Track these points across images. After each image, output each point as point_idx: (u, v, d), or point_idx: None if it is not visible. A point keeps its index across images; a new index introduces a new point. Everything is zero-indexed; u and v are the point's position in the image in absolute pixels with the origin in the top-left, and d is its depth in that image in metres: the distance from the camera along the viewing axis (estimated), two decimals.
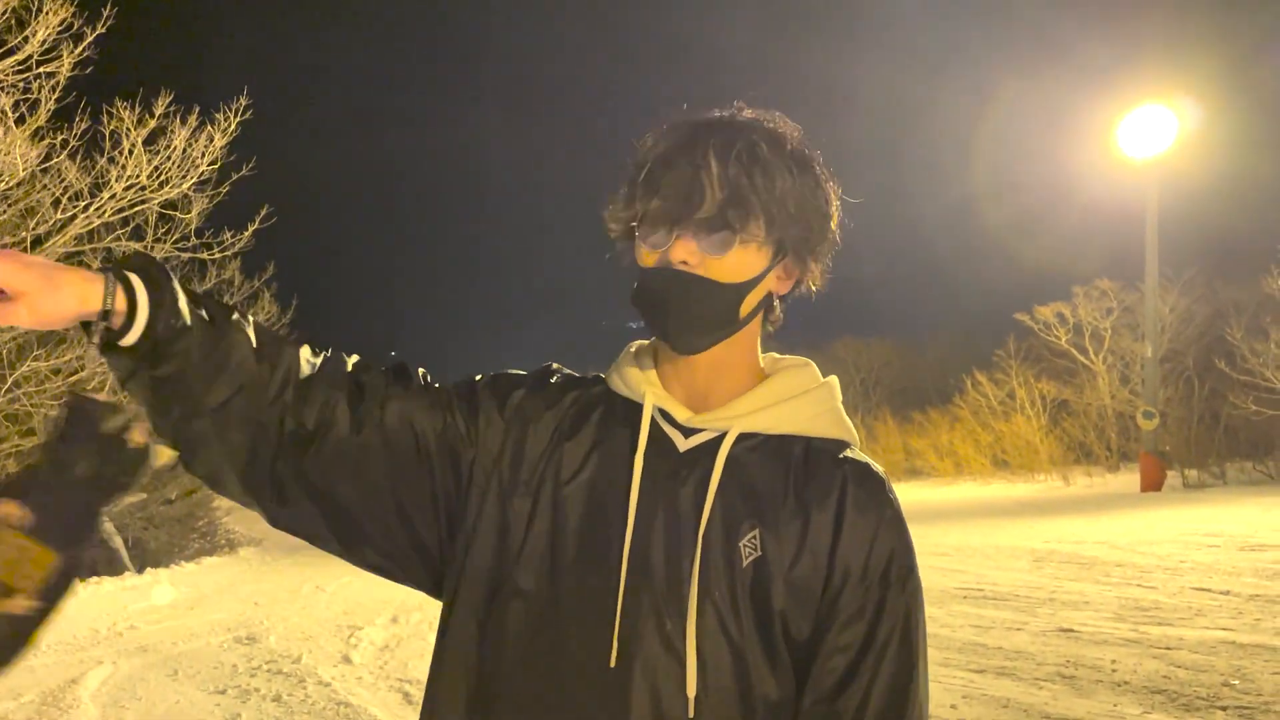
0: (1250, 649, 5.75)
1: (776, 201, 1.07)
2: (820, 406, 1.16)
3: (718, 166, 1.05)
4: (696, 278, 1.06)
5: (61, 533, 0.90)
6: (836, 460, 1.12)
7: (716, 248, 1.06)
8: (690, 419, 1.12)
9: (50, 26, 8.90)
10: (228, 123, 10.30)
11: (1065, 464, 25.44)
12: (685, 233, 1.06)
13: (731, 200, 1.05)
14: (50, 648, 7.64)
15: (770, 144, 1.09)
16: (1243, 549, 9.57)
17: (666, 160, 1.07)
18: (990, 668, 5.67)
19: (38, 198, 9.58)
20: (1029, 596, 7.84)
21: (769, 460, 1.11)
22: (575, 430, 1.15)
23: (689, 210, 1.05)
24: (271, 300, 15.21)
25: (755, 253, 1.08)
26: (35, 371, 9.91)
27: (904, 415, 32.11)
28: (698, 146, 1.06)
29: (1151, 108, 21.90)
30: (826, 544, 1.07)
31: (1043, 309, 27.28)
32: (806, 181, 1.10)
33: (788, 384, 1.16)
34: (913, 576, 1.10)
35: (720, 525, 1.07)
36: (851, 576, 1.07)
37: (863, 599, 1.06)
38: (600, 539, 1.08)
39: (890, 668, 1.05)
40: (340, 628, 8.00)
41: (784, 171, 1.08)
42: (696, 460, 1.10)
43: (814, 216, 1.12)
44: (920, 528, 13.88)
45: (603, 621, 1.04)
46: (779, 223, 1.08)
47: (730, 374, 1.15)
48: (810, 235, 1.12)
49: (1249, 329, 20.84)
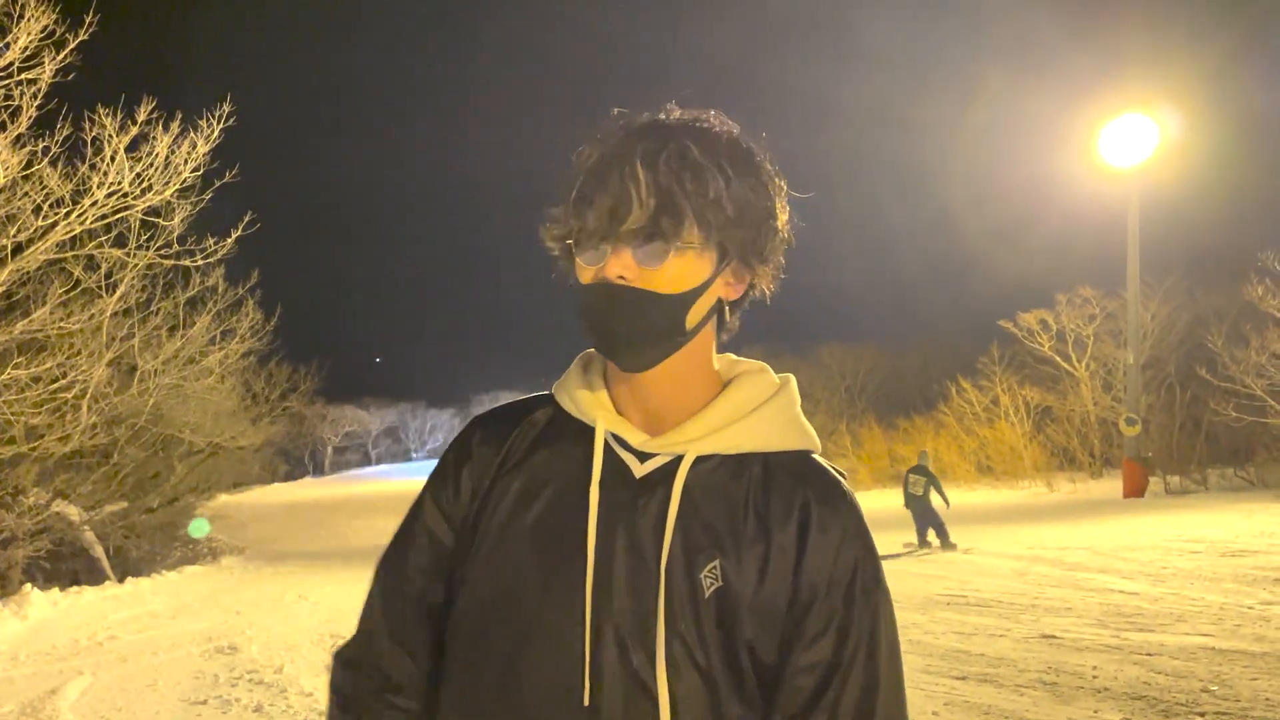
0: (1230, 655, 5.78)
1: (711, 205, 1.01)
2: (779, 418, 1.12)
3: (646, 174, 1.00)
4: (635, 290, 1.02)
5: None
6: (797, 476, 1.09)
7: (652, 258, 1.01)
8: (645, 443, 1.08)
9: (32, 33, 8.86)
10: (211, 129, 10.27)
11: (1049, 470, 25.58)
12: (619, 246, 1.01)
13: (662, 208, 1.00)
14: (30, 658, 7.57)
15: (701, 145, 1.03)
16: (1224, 555, 9.63)
17: (596, 173, 1.03)
18: (972, 674, 5.68)
19: (19, 205, 9.51)
20: (1012, 603, 7.87)
21: (728, 482, 1.07)
22: (524, 463, 1.13)
23: (619, 222, 1.00)
24: (255, 308, 15.15)
25: (696, 260, 1.03)
26: (15, 379, 9.83)
27: (889, 421, 32.21)
28: (626, 156, 1.01)
29: (1132, 117, 22.08)
30: (790, 565, 1.04)
31: (1026, 316, 27.46)
32: (745, 181, 1.04)
33: (744, 396, 1.11)
34: (878, 588, 1.07)
35: (681, 556, 1.04)
36: (817, 595, 1.04)
37: (828, 617, 1.04)
38: (562, 575, 1.06)
39: (856, 686, 1.02)
40: (323, 637, 7.95)
41: (717, 173, 1.02)
42: (654, 487, 1.07)
43: (757, 217, 1.06)
44: (904, 534, 13.94)
45: (571, 660, 1.02)
46: (717, 226, 1.02)
47: (685, 388, 1.10)
48: (756, 237, 1.06)
49: (1229, 336, 21.00)
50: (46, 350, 10.41)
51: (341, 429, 65.88)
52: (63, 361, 10.29)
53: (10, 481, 11.37)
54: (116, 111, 9.59)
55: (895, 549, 12.56)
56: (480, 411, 1.26)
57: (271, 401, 22.87)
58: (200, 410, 15.81)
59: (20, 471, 11.38)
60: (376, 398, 72.88)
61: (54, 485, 12.41)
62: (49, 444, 10.80)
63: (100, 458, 13.45)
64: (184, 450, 16.38)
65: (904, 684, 1.08)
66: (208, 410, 16.12)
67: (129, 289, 11.24)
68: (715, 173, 1.01)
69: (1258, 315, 20.09)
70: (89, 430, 11.27)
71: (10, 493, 11.39)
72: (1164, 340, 25.08)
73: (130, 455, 13.99)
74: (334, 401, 59.78)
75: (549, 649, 1.04)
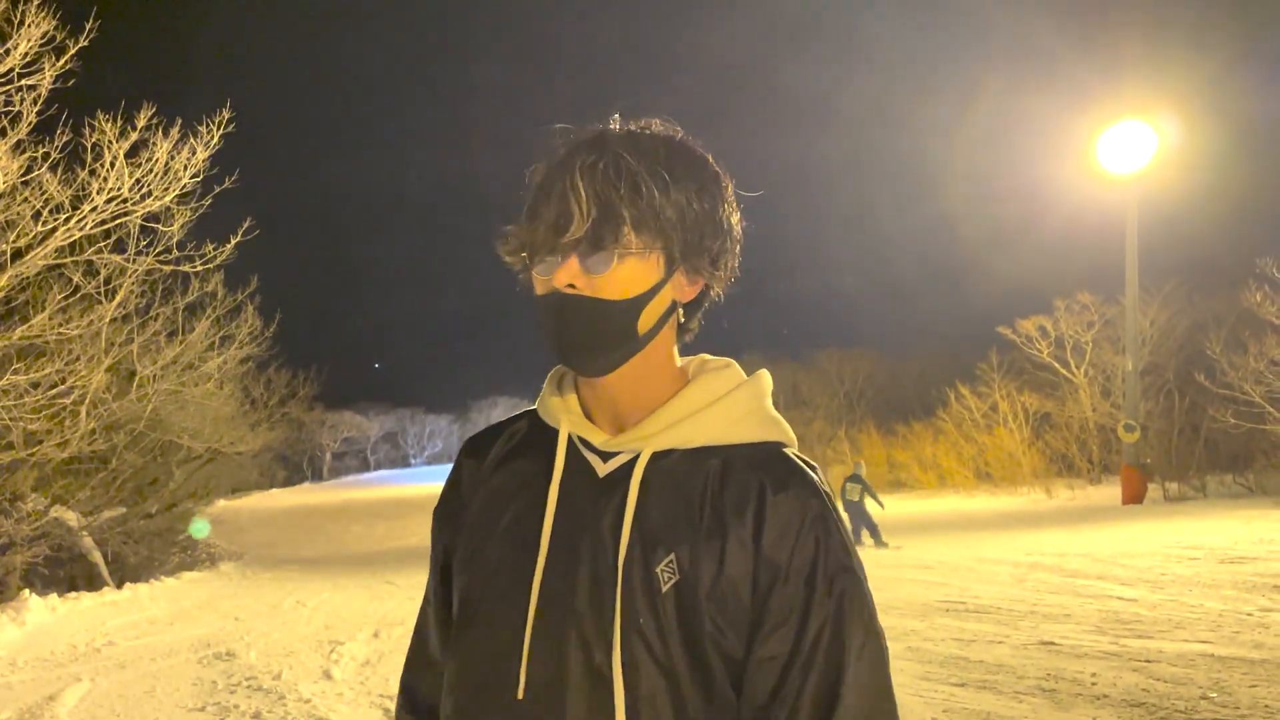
0: (1229, 662, 5.78)
1: (651, 210, 1.04)
2: (738, 411, 1.13)
3: (584, 185, 1.04)
4: (584, 298, 1.05)
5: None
6: (754, 465, 1.09)
7: (597, 265, 1.05)
8: (606, 442, 1.11)
9: (32, 39, 8.87)
10: (210, 135, 10.28)
11: (1047, 476, 25.59)
12: (565, 256, 1.05)
13: (602, 216, 1.03)
14: (28, 664, 7.56)
15: (637, 155, 1.06)
16: (1223, 562, 9.63)
17: (542, 188, 1.07)
18: (972, 681, 5.68)
19: (18, 210, 9.52)
20: (1011, 609, 7.86)
21: (685, 478, 1.09)
22: (499, 472, 1.19)
23: (562, 233, 1.04)
24: (254, 313, 15.16)
25: (641, 265, 1.06)
26: (14, 385, 9.82)
27: (888, 427, 32.21)
28: (567, 170, 1.06)
29: (1131, 123, 22.13)
30: (749, 556, 1.04)
31: (1024, 322, 27.48)
32: (686, 186, 1.07)
33: (704, 391, 1.13)
34: (843, 576, 1.05)
35: (639, 552, 1.05)
36: (776, 583, 1.04)
37: (788, 606, 1.03)
38: (521, 575, 1.09)
39: (818, 676, 1.02)
40: (321, 643, 7.94)
41: (652, 180, 1.05)
42: (615, 485, 1.09)
43: (700, 220, 1.08)
44: (903, 540, 13.95)
45: (512, 655, 1.07)
46: (659, 230, 1.05)
47: (647, 389, 1.12)
48: (701, 239, 1.08)
49: (1228, 342, 21.02)
50: (45, 356, 10.40)
51: (340, 435, 65.88)
52: (61, 367, 10.28)
53: (9, 487, 11.36)
54: (116, 117, 9.60)
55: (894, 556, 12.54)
56: (477, 417, 1.30)
57: (270, 407, 22.86)
58: (199, 416, 15.81)
59: (19, 477, 11.37)
60: (375, 403, 72.92)
61: (52, 491, 12.39)
62: (47, 449, 10.79)
63: (99, 463, 13.45)
64: (182, 456, 16.38)
65: (884, 671, 1.06)
66: (206, 416, 16.11)
67: (128, 295, 11.24)
68: (651, 180, 1.05)
69: (1256, 322, 20.12)
70: (88, 436, 11.26)
71: (8, 498, 11.38)
72: (1163, 347, 25.10)
73: (129, 461, 13.98)
74: (333, 407, 59.84)
75: (495, 645, 1.09)
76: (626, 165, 1.05)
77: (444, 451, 75.63)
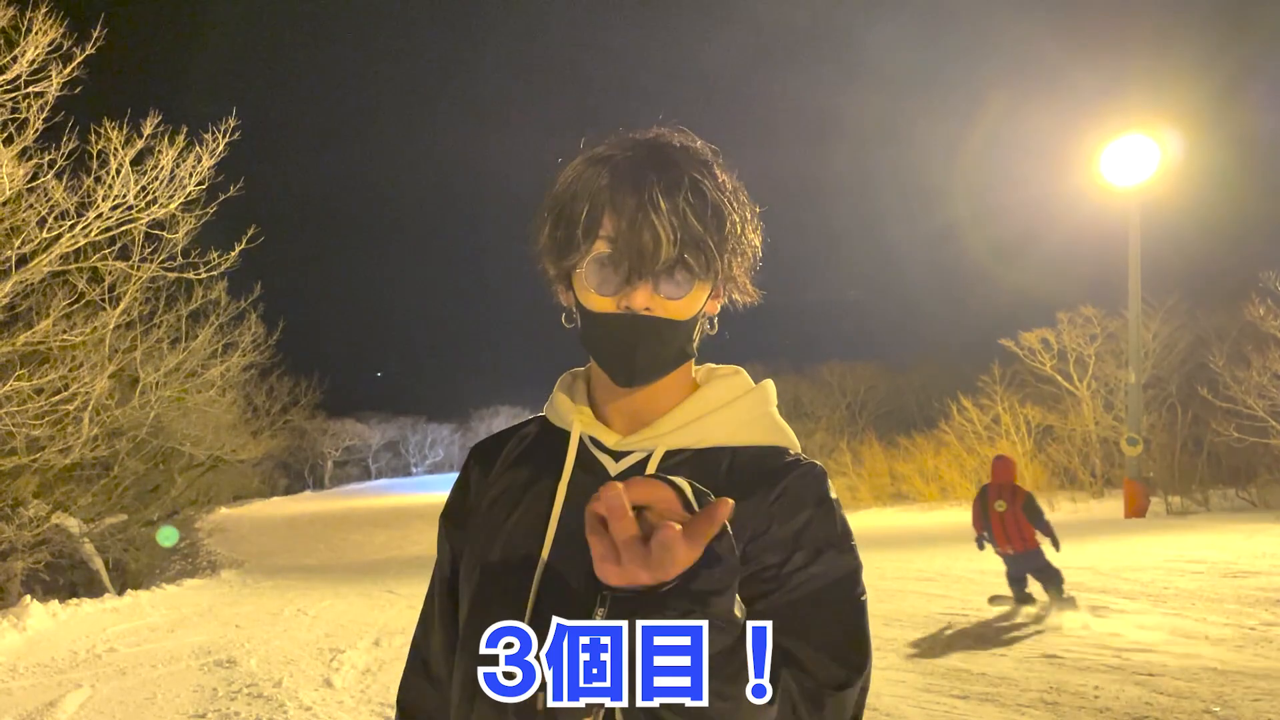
0: (1232, 676, 5.76)
1: (724, 241, 1.07)
2: (747, 415, 1.16)
3: (668, 208, 1.04)
4: (659, 320, 1.07)
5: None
6: (761, 465, 1.12)
7: (677, 291, 1.07)
8: (618, 442, 1.13)
9: (40, 46, 8.92)
10: (216, 143, 10.31)
11: (1050, 489, 25.50)
12: (643, 280, 1.05)
13: (687, 245, 1.04)
14: (29, 669, 7.56)
15: (710, 177, 1.08)
16: (1226, 576, 9.60)
17: (611, 201, 1.05)
18: (974, 693, 5.66)
19: (24, 217, 9.55)
20: (1013, 622, 7.85)
21: (696, 475, 1.07)
22: (508, 474, 1.19)
23: (650, 258, 1.04)
24: (258, 321, 15.18)
25: (701, 290, 1.09)
26: (17, 391, 9.84)
27: (889, 439, 32.15)
28: (644, 185, 1.04)
29: (1134, 137, 22.15)
30: (753, 548, 1.05)
31: (1027, 334, 27.45)
32: (742, 213, 1.11)
33: (715, 395, 1.16)
34: (832, 549, 1.06)
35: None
36: (772, 545, 1.05)
37: (777, 549, 1.04)
38: (525, 570, 1.10)
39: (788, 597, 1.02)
40: (322, 651, 7.93)
41: (726, 207, 1.08)
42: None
43: (747, 247, 1.12)
44: (905, 553, 13.90)
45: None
46: (724, 258, 1.08)
47: (666, 395, 1.15)
48: (742, 262, 1.13)
49: (1230, 356, 20.98)
50: (49, 362, 10.42)
51: (342, 443, 65.80)
52: (65, 374, 10.30)
53: (10, 493, 11.36)
54: (122, 125, 9.65)
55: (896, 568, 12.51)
56: (479, 426, 1.31)
57: (272, 415, 22.89)
58: (201, 423, 15.83)
59: (21, 483, 11.37)
60: (377, 412, 72.83)
61: (54, 497, 12.39)
62: (50, 456, 10.80)
63: (101, 470, 13.45)
64: (184, 463, 16.38)
65: (861, 634, 1.04)
66: (208, 423, 16.13)
67: (132, 302, 11.27)
68: (725, 207, 1.07)
69: (1259, 336, 20.09)
70: (90, 442, 11.27)
71: (10, 504, 11.38)
72: (1165, 360, 25.07)
73: (131, 468, 13.99)
74: (334, 416, 59.80)
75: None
76: (705, 189, 1.07)
77: (445, 460, 75.53)
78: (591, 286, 1.08)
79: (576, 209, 1.07)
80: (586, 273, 1.08)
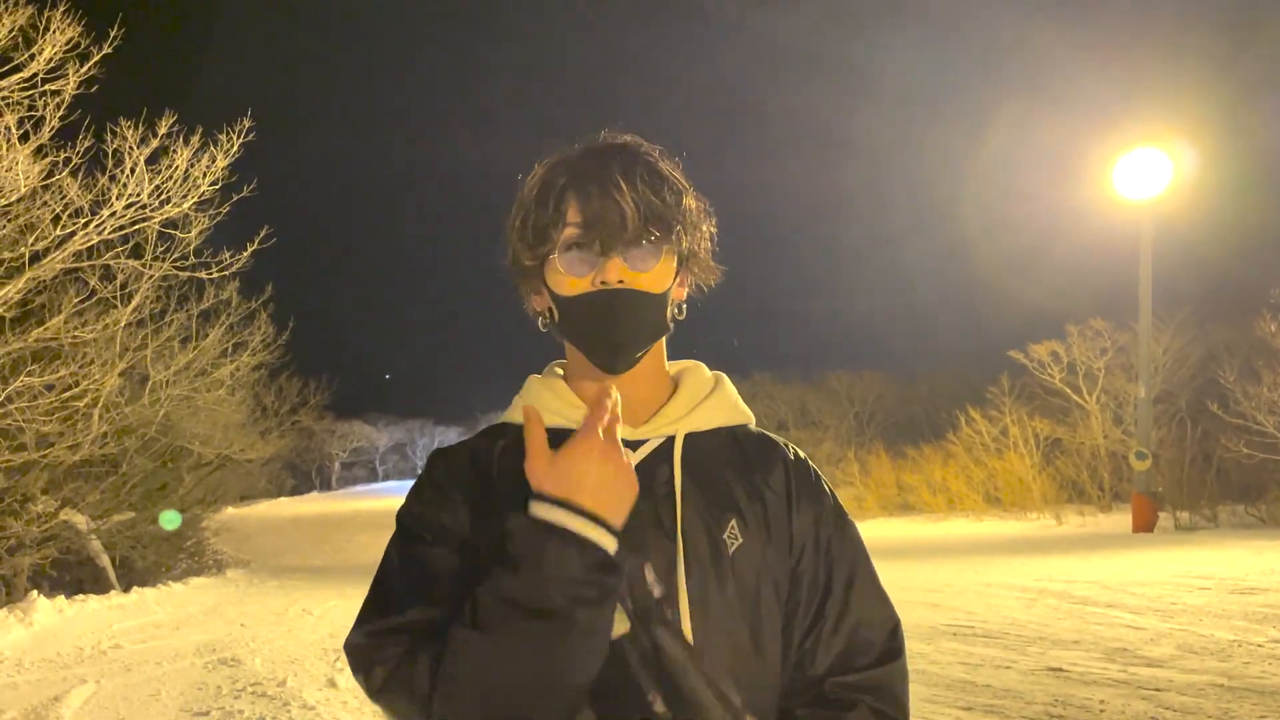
0: (1239, 692, 5.73)
1: (681, 213, 1.15)
2: (729, 398, 1.26)
3: (628, 186, 1.11)
4: (635, 292, 1.12)
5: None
6: (764, 444, 1.25)
7: (644, 261, 1.13)
8: (633, 432, 1.18)
9: (57, 45, 8.98)
10: (230, 144, 10.35)
11: (1058, 503, 25.40)
12: (614, 253, 1.11)
13: (649, 216, 1.11)
14: (34, 664, 7.58)
15: (662, 161, 1.17)
16: (1234, 592, 9.55)
17: (577, 190, 1.12)
18: (979, 706, 5.64)
19: (38, 214, 9.60)
20: (1019, 635, 7.81)
21: (714, 454, 1.20)
22: (509, 473, 1.13)
23: (616, 230, 1.10)
24: (268, 321, 15.22)
25: (668, 263, 1.16)
26: (28, 387, 9.88)
27: (897, 449, 32.05)
28: (604, 171, 1.12)
29: (1147, 150, 22.08)
30: (784, 519, 1.19)
31: (1037, 347, 27.35)
32: (690, 194, 1.18)
33: (699, 383, 1.25)
34: (847, 519, 1.25)
35: (698, 520, 1.13)
36: (807, 548, 1.19)
37: (815, 568, 1.19)
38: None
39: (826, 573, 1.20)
40: (326, 651, 7.94)
41: (680, 185, 1.16)
42: (652, 470, 1.15)
43: (702, 224, 1.20)
44: (912, 564, 13.90)
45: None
46: (683, 233, 1.16)
47: (649, 383, 1.22)
48: (700, 241, 1.20)
49: (1241, 372, 20.89)
50: (60, 359, 10.46)
51: (349, 444, 65.93)
52: (75, 370, 10.34)
53: (19, 489, 11.40)
54: (138, 124, 9.70)
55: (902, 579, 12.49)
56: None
57: (281, 415, 22.95)
58: (210, 422, 15.87)
59: (29, 479, 11.42)
60: (385, 414, 73.01)
61: (62, 493, 12.43)
62: (59, 452, 10.84)
63: (109, 467, 13.49)
64: (193, 461, 16.42)
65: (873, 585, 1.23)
66: (217, 422, 16.17)
67: (144, 300, 11.32)
68: (676, 185, 1.16)
69: (1270, 351, 20.00)
70: (99, 439, 11.31)
71: (19, 500, 11.42)
72: (1175, 374, 24.96)
73: (139, 465, 14.03)
74: (343, 417, 59.90)
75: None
76: (660, 169, 1.15)
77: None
78: (565, 270, 1.13)
79: (542, 206, 1.13)
80: (559, 259, 1.13)
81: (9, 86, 9.01)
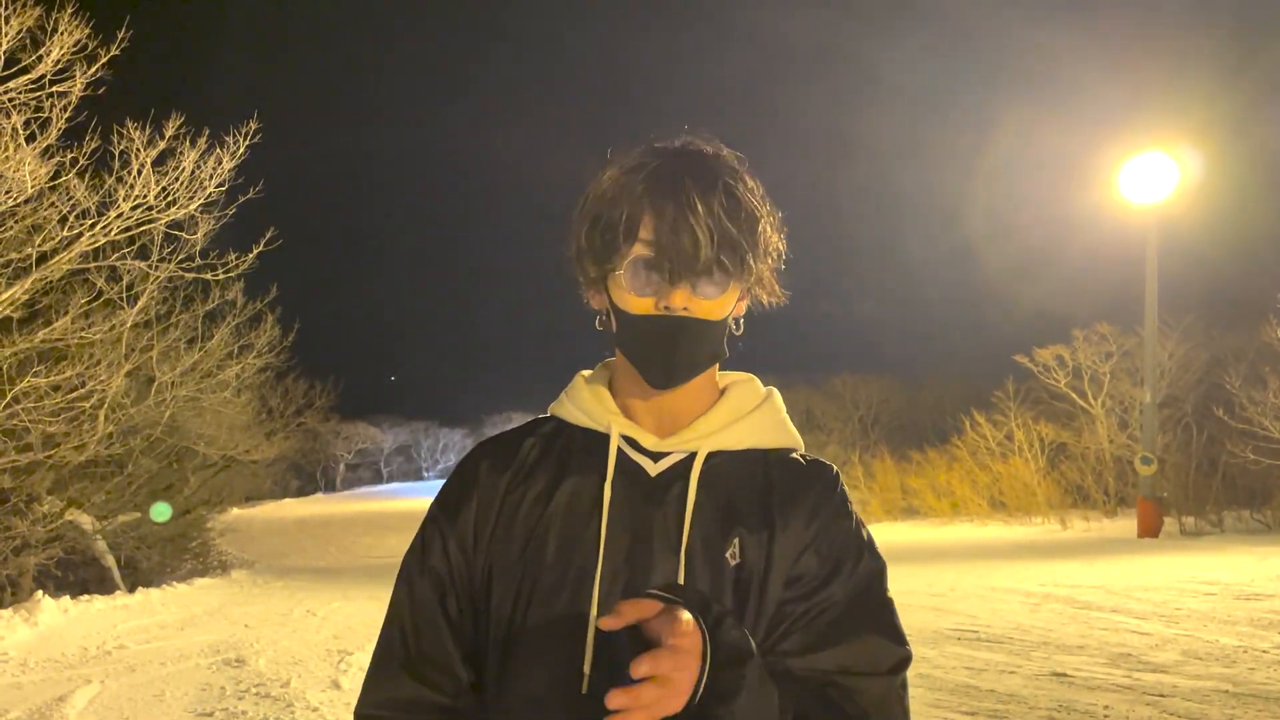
0: (1244, 698, 5.72)
1: (755, 243, 1.12)
2: (773, 418, 1.22)
3: (704, 211, 1.07)
4: (696, 320, 1.10)
5: None
6: (797, 469, 1.20)
7: (713, 291, 1.11)
8: (657, 444, 1.16)
9: (65, 46, 9.00)
10: (237, 146, 10.38)
11: (1062, 507, 25.34)
12: (683, 282, 1.09)
13: (724, 246, 1.08)
14: (39, 665, 7.60)
15: (740, 182, 1.12)
16: (1239, 598, 9.53)
17: (650, 206, 1.09)
18: (982, 710, 5.63)
19: (45, 215, 9.63)
20: (1023, 639, 7.80)
21: (736, 475, 1.16)
22: (536, 472, 1.19)
23: (688, 259, 1.07)
24: (274, 323, 15.25)
25: (733, 292, 1.14)
26: (34, 387, 9.91)
27: (902, 453, 32.00)
28: (682, 190, 1.08)
29: (1153, 155, 22.04)
30: (799, 547, 1.13)
31: (1042, 351, 27.30)
32: (769, 216, 1.15)
33: (741, 400, 1.21)
34: (869, 553, 1.17)
35: (700, 542, 1.11)
36: (821, 571, 1.13)
37: (812, 601, 1.12)
38: (575, 572, 1.11)
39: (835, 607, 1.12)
40: (330, 652, 7.95)
41: (757, 211, 1.12)
42: (669, 484, 1.14)
43: (775, 251, 1.17)
44: (916, 568, 13.89)
45: (574, 652, 1.08)
46: (754, 261, 1.12)
47: (695, 396, 1.19)
48: (773, 263, 1.18)
49: (1247, 377, 20.84)
50: (66, 359, 10.49)
51: (354, 446, 65.93)
52: (82, 371, 10.37)
53: (25, 489, 11.43)
54: (145, 126, 9.73)
55: (906, 583, 12.47)
56: (491, 431, 1.31)
57: (286, 416, 22.97)
58: (215, 423, 15.88)
59: (35, 479, 11.44)
60: (390, 416, 72.94)
61: (68, 494, 12.46)
62: (65, 452, 10.87)
63: (115, 468, 13.51)
64: (198, 462, 16.44)
65: (892, 621, 1.15)
66: (223, 423, 16.19)
67: (150, 301, 11.35)
68: (754, 211, 1.12)
69: (1276, 357, 19.94)
70: (105, 440, 11.34)
71: (25, 500, 11.44)
72: (1181, 379, 24.90)
73: (144, 466, 14.05)
74: (348, 418, 59.86)
75: (560, 643, 1.09)
76: (738, 193, 1.11)
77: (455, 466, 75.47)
78: (630, 288, 1.11)
79: (615, 214, 1.10)
80: (625, 275, 1.11)
81: (16, 88, 9.04)
